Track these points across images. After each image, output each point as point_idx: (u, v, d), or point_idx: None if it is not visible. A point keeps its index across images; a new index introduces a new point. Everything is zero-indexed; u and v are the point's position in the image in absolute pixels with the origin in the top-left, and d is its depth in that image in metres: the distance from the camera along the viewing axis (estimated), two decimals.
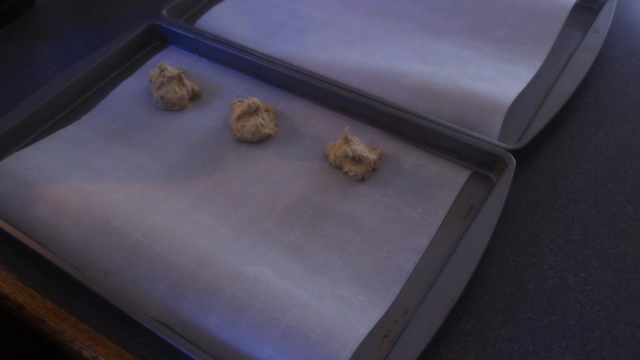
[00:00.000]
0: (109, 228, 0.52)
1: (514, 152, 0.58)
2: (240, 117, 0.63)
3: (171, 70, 0.67)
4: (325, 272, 0.51)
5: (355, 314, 0.47)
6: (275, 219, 0.55)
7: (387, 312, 0.48)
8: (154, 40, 0.76)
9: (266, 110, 0.64)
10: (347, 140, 0.59)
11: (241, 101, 0.64)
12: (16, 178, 0.58)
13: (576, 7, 0.76)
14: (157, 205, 0.55)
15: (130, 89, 0.69)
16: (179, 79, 0.67)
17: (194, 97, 0.68)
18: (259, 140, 0.63)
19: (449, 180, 0.58)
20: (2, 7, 0.78)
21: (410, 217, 0.55)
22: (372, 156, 0.59)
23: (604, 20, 0.75)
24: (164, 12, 0.76)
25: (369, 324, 0.47)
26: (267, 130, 0.62)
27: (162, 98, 0.66)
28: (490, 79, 0.67)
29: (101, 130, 0.64)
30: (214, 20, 0.78)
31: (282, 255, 0.52)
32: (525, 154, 0.61)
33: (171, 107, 0.66)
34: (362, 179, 0.58)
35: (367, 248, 0.53)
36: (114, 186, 0.57)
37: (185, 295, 0.48)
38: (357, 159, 0.58)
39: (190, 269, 0.49)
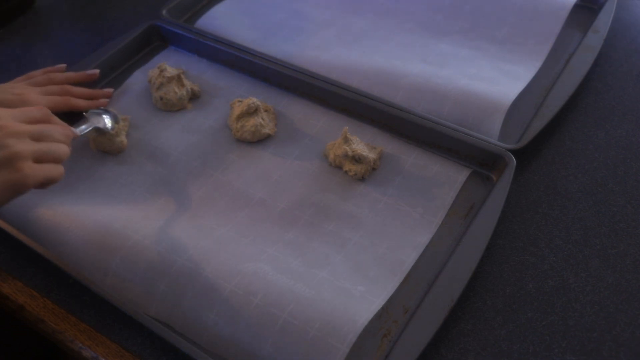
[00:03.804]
0: (109, 229, 0.52)
1: (514, 152, 0.58)
2: (239, 117, 0.63)
3: (171, 71, 0.67)
4: (325, 265, 0.51)
5: (355, 304, 0.47)
6: (275, 219, 0.55)
7: (387, 312, 0.48)
8: (154, 41, 0.76)
9: (266, 110, 0.64)
10: (346, 140, 0.59)
11: (241, 101, 0.64)
12: None
13: (576, 7, 0.76)
14: (158, 212, 0.55)
15: (130, 90, 0.69)
16: (178, 79, 0.66)
17: (194, 97, 0.68)
18: (259, 140, 0.63)
19: (449, 179, 0.58)
20: (2, 7, 0.78)
21: (411, 216, 0.55)
22: (371, 156, 0.59)
23: (604, 20, 0.75)
24: (164, 12, 0.76)
25: (368, 314, 0.47)
26: (266, 130, 0.62)
27: (161, 98, 0.66)
28: (490, 79, 0.67)
29: None
30: (214, 20, 0.78)
31: (282, 251, 0.52)
32: (525, 154, 0.61)
33: (171, 107, 0.66)
34: (362, 179, 0.58)
35: (367, 245, 0.53)
36: (115, 192, 0.57)
37: (184, 294, 0.48)
38: (356, 159, 0.58)
39: (189, 267, 0.49)
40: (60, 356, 0.61)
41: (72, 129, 0.54)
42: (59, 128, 0.51)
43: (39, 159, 0.47)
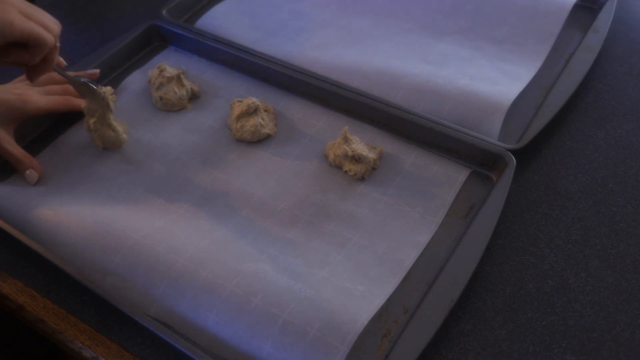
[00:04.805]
0: (109, 229, 0.52)
1: (514, 152, 0.58)
2: (239, 117, 0.63)
3: (170, 71, 0.67)
4: (325, 265, 0.51)
5: (355, 303, 0.47)
6: (275, 219, 0.55)
7: (387, 311, 0.48)
8: (154, 41, 0.76)
9: (265, 110, 0.64)
10: (346, 140, 0.59)
11: (240, 101, 0.65)
12: (17, 180, 0.58)
13: (576, 7, 0.76)
14: (158, 212, 0.55)
15: (130, 90, 0.69)
16: (178, 79, 0.67)
17: (194, 97, 0.68)
18: (259, 140, 0.63)
19: (448, 179, 0.58)
20: None
21: (410, 216, 0.55)
22: (371, 155, 0.59)
23: (604, 20, 0.75)
24: (164, 12, 0.76)
25: (369, 314, 0.47)
26: (266, 130, 0.62)
27: (161, 98, 0.66)
28: (490, 79, 0.67)
29: None
30: (214, 20, 0.78)
31: (282, 251, 0.52)
32: (525, 154, 0.61)
33: (170, 107, 0.66)
34: (361, 178, 0.58)
35: (367, 244, 0.53)
36: (115, 192, 0.57)
37: (184, 294, 0.48)
38: (356, 158, 0.58)
39: (189, 267, 0.49)
40: (60, 356, 0.61)
41: (61, 59, 0.58)
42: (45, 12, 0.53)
43: (26, 16, 0.49)
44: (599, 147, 0.62)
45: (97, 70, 0.67)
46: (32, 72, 0.53)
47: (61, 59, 0.63)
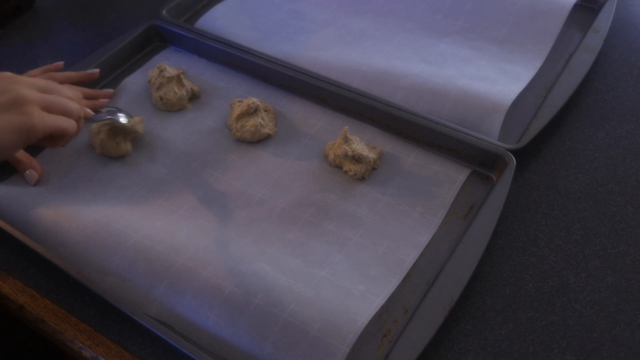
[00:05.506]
0: (109, 229, 0.52)
1: (514, 152, 0.58)
2: (239, 118, 0.63)
3: (170, 71, 0.67)
4: (325, 265, 0.51)
5: (355, 303, 0.47)
6: (275, 219, 0.55)
7: (387, 311, 0.48)
8: (155, 41, 0.76)
9: (266, 110, 0.64)
10: (346, 140, 0.59)
11: (240, 101, 0.65)
12: (17, 180, 0.58)
13: (576, 7, 0.76)
14: (158, 212, 0.55)
15: (130, 90, 0.69)
16: (178, 79, 0.67)
17: (194, 97, 0.68)
18: (259, 140, 0.63)
19: (448, 179, 0.58)
20: (2, 7, 0.78)
21: (410, 216, 0.55)
22: (371, 155, 0.59)
23: (604, 20, 0.75)
24: (164, 12, 0.76)
25: (369, 313, 0.47)
26: (266, 130, 0.63)
27: (161, 99, 0.66)
28: (490, 79, 0.67)
29: None
30: (214, 20, 0.78)
31: (282, 251, 0.52)
32: (525, 154, 0.61)
33: (170, 107, 0.66)
34: (361, 178, 0.58)
35: (367, 244, 0.53)
36: (115, 192, 0.58)
37: (184, 294, 0.48)
38: (356, 158, 0.58)
39: (189, 267, 0.49)
40: (60, 356, 0.61)
41: (87, 109, 0.55)
42: (67, 87, 0.52)
43: (48, 109, 0.47)
44: (599, 147, 0.62)
45: (97, 70, 0.67)
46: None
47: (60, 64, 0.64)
